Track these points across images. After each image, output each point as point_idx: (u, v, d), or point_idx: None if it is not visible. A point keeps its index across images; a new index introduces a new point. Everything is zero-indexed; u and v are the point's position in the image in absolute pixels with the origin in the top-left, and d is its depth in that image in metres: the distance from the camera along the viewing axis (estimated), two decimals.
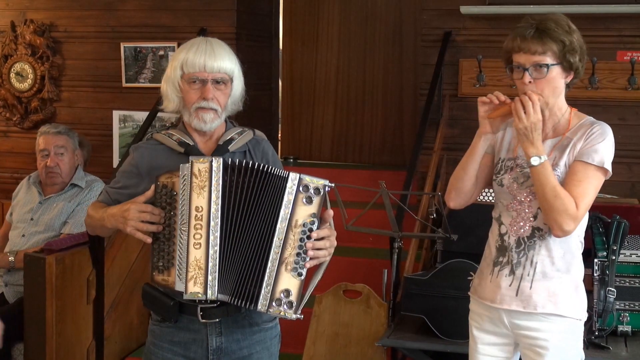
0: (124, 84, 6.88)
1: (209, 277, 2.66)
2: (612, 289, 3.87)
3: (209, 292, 2.66)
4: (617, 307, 3.94)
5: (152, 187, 2.76)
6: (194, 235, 2.66)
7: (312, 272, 2.74)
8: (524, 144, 2.96)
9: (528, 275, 3.05)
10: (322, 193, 2.67)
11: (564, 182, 2.97)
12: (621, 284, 3.95)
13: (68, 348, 4.84)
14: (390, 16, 7.50)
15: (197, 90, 2.86)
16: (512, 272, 3.07)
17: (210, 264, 2.66)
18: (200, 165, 2.68)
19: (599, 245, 3.96)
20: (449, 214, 4.57)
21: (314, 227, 2.67)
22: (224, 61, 2.89)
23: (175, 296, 2.80)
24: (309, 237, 2.67)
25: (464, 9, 6.15)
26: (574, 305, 3.06)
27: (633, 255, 4.00)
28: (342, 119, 7.74)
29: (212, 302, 2.76)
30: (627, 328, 3.97)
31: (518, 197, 3.07)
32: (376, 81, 7.60)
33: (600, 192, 5.52)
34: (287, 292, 2.66)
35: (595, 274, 3.91)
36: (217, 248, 2.66)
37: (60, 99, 7.12)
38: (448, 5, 6.27)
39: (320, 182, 2.67)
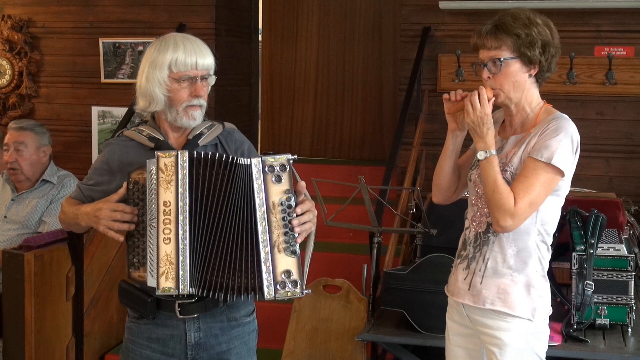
0: (103, 80, 6.85)
1: (180, 272, 2.66)
2: (590, 283, 3.90)
3: (181, 286, 2.67)
4: (595, 300, 3.96)
5: (125, 184, 2.76)
6: (163, 230, 2.66)
7: (303, 244, 2.75)
8: (474, 138, 3.00)
9: (480, 270, 3.06)
10: (288, 168, 2.67)
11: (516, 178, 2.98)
12: (599, 278, 3.97)
13: (47, 345, 4.82)
14: (370, 12, 7.51)
15: (187, 88, 2.85)
16: (468, 266, 3.11)
17: (180, 258, 2.66)
18: (166, 159, 2.68)
19: (577, 239, 3.99)
20: (429, 209, 4.59)
21: (292, 202, 2.68)
22: (209, 58, 2.90)
23: (152, 292, 2.79)
24: (290, 215, 2.67)
25: (443, 4, 6.17)
26: (524, 304, 3.01)
27: (611, 249, 4.02)
28: (322, 114, 7.74)
29: (190, 297, 2.77)
30: (605, 321, 3.99)
31: (479, 192, 3.09)
32: (355, 77, 7.60)
33: (578, 186, 5.61)
34: (288, 273, 2.66)
35: (573, 268, 3.93)
36: (187, 242, 2.67)
37: (39, 95, 7.09)
38: (427, 0, 6.28)
39: (282, 157, 2.68)
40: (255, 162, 2.66)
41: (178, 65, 2.83)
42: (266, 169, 2.66)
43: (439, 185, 3.24)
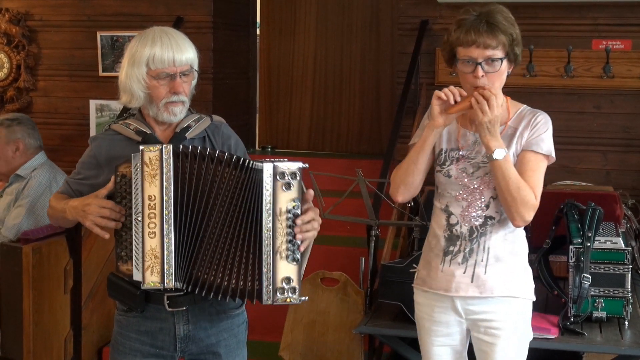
0: (101, 73, 6.85)
1: (165, 266, 2.67)
2: (587, 276, 3.90)
3: (166, 280, 2.68)
4: (592, 293, 3.97)
5: (112, 178, 2.76)
6: (148, 225, 2.67)
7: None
8: (485, 137, 2.98)
9: (482, 261, 3.10)
10: (298, 177, 2.67)
11: (517, 172, 3.02)
12: (596, 271, 3.98)
13: (45, 338, 4.83)
14: (367, 5, 7.50)
15: (166, 85, 2.83)
16: (465, 259, 3.12)
17: (165, 253, 2.67)
18: (150, 153, 2.67)
19: (574, 232, 3.99)
20: (426, 202, 4.59)
21: (298, 210, 2.68)
22: (189, 53, 2.86)
23: (141, 285, 2.80)
24: (295, 222, 2.67)
25: None
26: (525, 286, 3.16)
27: (608, 242, 4.03)
28: (320, 108, 7.74)
29: (179, 289, 2.77)
30: (602, 314, 4.00)
31: (469, 187, 3.11)
32: (353, 70, 7.60)
33: (575, 179, 5.60)
34: (288, 280, 2.67)
35: (570, 261, 3.94)
36: (172, 237, 2.67)
37: (37, 88, 7.08)
38: None
39: (294, 166, 2.67)
40: (267, 168, 2.65)
41: (155, 62, 2.80)
42: (277, 175, 2.65)
43: (411, 183, 3.18)
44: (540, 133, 3.05)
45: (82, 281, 5.01)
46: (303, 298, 2.70)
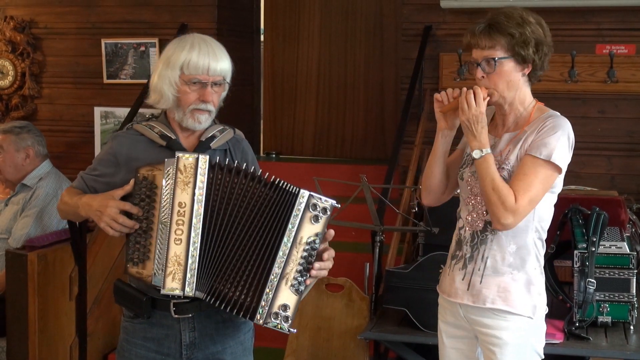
0: (105, 80, 6.86)
1: (188, 274, 2.66)
2: (592, 280, 3.91)
3: (187, 288, 2.67)
4: (597, 298, 3.97)
5: (132, 180, 2.75)
6: (175, 231, 2.67)
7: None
8: (468, 136, 3.00)
9: (479, 269, 3.06)
10: (328, 213, 2.67)
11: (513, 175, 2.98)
12: (601, 275, 3.98)
13: (51, 344, 4.84)
14: (371, 11, 7.51)
15: (196, 92, 2.85)
16: (465, 265, 3.10)
17: (189, 261, 2.66)
18: (186, 161, 2.68)
19: (579, 237, 3.99)
20: (430, 207, 4.60)
21: (317, 245, 2.68)
22: (224, 63, 2.91)
23: (148, 292, 2.80)
24: (311, 255, 2.67)
25: (444, 3, 6.16)
26: (524, 302, 3.03)
27: (612, 247, 4.03)
28: (324, 113, 7.74)
29: (185, 297, 2.76)
30: (607, 319, 4.00)
31: (474, 190, 3.09)
32: (357, 76, 7.60)
33: (580, 184, 5.60)
34: (285, 307, 2.67)
35: (575, 266, 3.94)
36: (198, 245, 2.67)
37: (41, 95, 7.10)
38: None
39: (328, 202, 2.68)
40: (302, 194, 2.65)
41: (190, 67, 2.83)
42: (310, 206, 2.66)
43: (429, 187, 3.22)
44: (544, 137, 2.95)
45: (87, 288, 5.01)
46: (292, 330, 2.71)
